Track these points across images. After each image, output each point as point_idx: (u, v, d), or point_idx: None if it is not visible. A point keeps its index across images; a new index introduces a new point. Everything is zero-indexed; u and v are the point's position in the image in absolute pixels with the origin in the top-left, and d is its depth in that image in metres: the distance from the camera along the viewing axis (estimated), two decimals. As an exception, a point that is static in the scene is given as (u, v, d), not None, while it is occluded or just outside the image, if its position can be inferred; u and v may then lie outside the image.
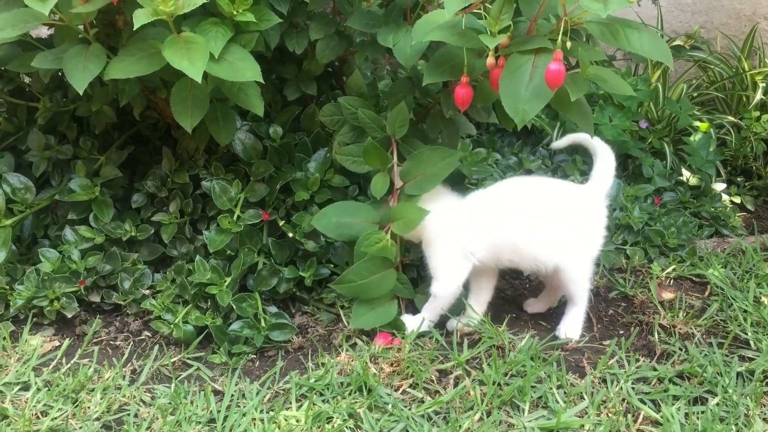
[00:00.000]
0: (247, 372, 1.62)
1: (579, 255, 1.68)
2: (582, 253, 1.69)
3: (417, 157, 1.69)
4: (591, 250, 1.70)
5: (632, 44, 1.35)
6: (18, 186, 1.86)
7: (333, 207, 1.73)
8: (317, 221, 1.70)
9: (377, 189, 1.71)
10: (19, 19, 1.46)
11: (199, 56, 1.41)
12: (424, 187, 1.68)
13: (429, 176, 1.67)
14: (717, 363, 1.60)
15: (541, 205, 1.67)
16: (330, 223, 1.69)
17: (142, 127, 2.02)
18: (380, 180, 1.71)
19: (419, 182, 1.68)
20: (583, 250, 1.69)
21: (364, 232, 1.66)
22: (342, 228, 1.70)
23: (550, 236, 1.65)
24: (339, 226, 1.70)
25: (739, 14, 3.17)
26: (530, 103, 1.34)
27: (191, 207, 1.88)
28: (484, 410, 1.46)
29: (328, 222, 1.69)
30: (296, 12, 1.82)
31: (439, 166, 1.67)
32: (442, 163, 1.67)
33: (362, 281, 1.65)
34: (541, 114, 2.52)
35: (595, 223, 1.70)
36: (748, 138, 2.54)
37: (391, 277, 1.68)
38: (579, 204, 1.70)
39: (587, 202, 1.70)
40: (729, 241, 2.20)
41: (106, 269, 1.79)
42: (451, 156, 1.68)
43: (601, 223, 1.71)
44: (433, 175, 1.67)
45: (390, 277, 1.68)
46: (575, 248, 1.67)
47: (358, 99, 1.79)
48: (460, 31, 1.41)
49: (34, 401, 1.50)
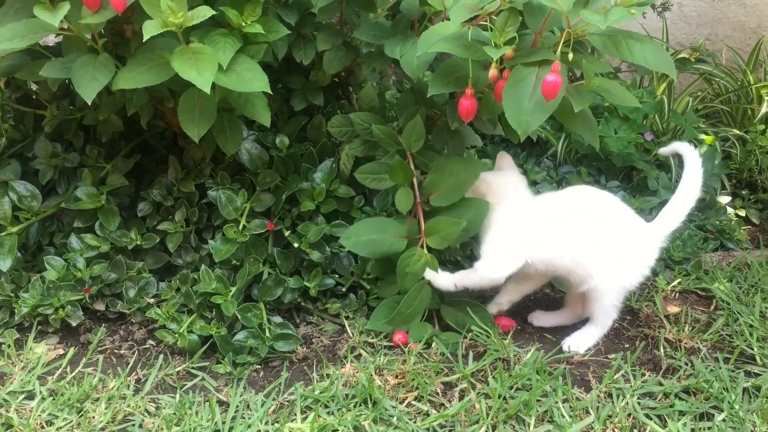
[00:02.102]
0: (251, 382, 1.62)
1: (620, 281, 1.69)
2: (624, 281, 1.70)
3: (441, 170, 1.70)
4: (632, 280, 1.71)
5: (635, 55, 1.35)
6: (24, 194, 1.87)
7: (360, 225, 1.73)
8: (346, 241, 1.70)
9: (402, 204, 1.71)
10: (29, 30, 1.46)
11: (208, 67, 1.42)
12: (449, 198, 1.69)
13: (454, 187, 1.68)
14: (723, 378, 1.59)
15: (609, 220, 1.67)
16: (360, 242, 1.69)
17: (148, 136, 2.02)
18: (404, 194, 1.72)
19: (445, 194, 1.69)
20: (626, 278, 1.70)
21: (399, 248, 1.68)
22: (373, 245, 1.70)
23: (610, 254, 1.66)
24: (369, 244, 1.70)
25: (744, 27, 3.17)
26: (533, 115, 1.34)
27: (197, 216, 1.88)
28: (489, 424, 1.46)
29: (358, 240, 1.69)
30: (304, 23, 1.82)
31: (463, 176, 1.68)
32: (466, 173, 1.68)
33: (410, 310, 1.69)
34: (546, 125, 2.52)
35: (646, 257, 1.71)
36: (754, 151, 2.54)
37: (427, 293, 1.70)
38: (641, 235, 1.71)
39: (649, 236, 1.71)
40: (734, 254, 2.20)
41: (111, 277, 1.79)
42: (475, 165, 1.69)
43: (650, 260, 1.72)
44: (457, 186, 1.68)
45: (426, 293, 1.70)
46: (621, 273, 1.68)
47: (370, 114, 1.79)
48: (466, 43, 1.41)
49: (38, 410, 1.50)
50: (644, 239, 1.71)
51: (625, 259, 1.68)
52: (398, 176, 1.71)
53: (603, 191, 1.72)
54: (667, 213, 1.73)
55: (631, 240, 1.69)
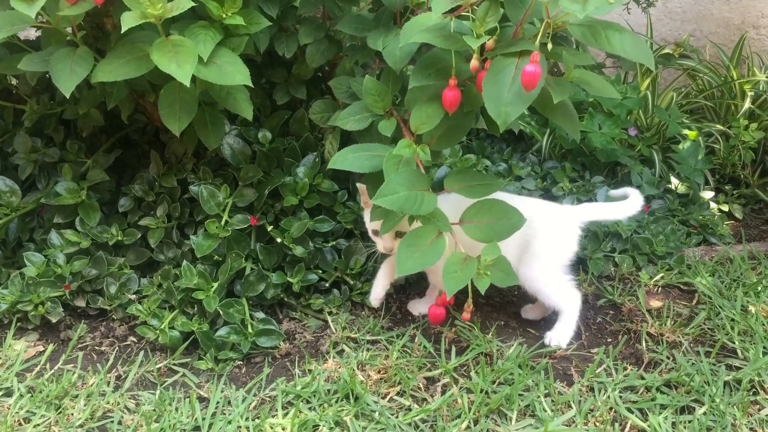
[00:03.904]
0: (233, 378, 1.61)
1: (543, 266, 1.71)
2: (547, 264, 1.72)
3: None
4: (557, 261, 1.73)
5: (613, 45, 1.34)
6: (3, 189, 1.85)
7: (347, 148, 1.59)
8: (335, 163, 1.56)
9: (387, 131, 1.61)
10: (6, 22, 1.45)
11: (188, 59, 1.40)
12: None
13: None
14: (704, 372, 1.60)
15: None
16: (347, 159, 1.56)
17: (129, 130, 2.01)
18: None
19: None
20: (550, 261, 1.72)
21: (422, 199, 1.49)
22: (361, 160, 1.56)
23: (522, 246, 1.69)
24: (358, 159, 1.56)
25: (728, 23, 3.19)
26: (513, 106, 1.33)
27: (179, 211, 1.87)
28: (471, 419, 1.46)
29: (345, 159, 1.56)
30: (286, 16, 1.81)
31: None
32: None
33: (404, 192, 1.48)
34: (530, 121, 2.52)
35: (568, 236, 1.74)
36: (737, 146, 2.55)
37: (431, 199, 1.51)
38: (560, 216, 1.75)
39: (568, 217, 1.76)
40: (717, 249, 2.21)
41: (91, 274, 1.77)
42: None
43: (572, 237, 1.75)
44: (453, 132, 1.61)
45: (430, 198, 1.51)
46: (542, 258, 1.71)
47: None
48: (447, 34, 1.40)
49: (16, 407, 1.48)
50: (563, 220, 1.75)
51: (545, 243, 1.70)
52: (378, 106, 1.62)
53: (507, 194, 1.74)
54: (591, 207, 1.81)
55: (548, 224, 1.71)
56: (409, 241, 1.50)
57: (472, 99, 1.50)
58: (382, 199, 1.45)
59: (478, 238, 1.56)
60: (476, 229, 1.56)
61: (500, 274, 1.51)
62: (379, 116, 1.63)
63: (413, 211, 1.48)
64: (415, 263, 1.49)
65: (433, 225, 1.51)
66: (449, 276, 1.46)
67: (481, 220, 1.57)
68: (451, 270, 1.47)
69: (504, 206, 1.56)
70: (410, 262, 1.49)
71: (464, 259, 1.49)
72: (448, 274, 1.46)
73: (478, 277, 1.47)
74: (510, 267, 1.53)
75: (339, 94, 1.77)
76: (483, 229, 1.56)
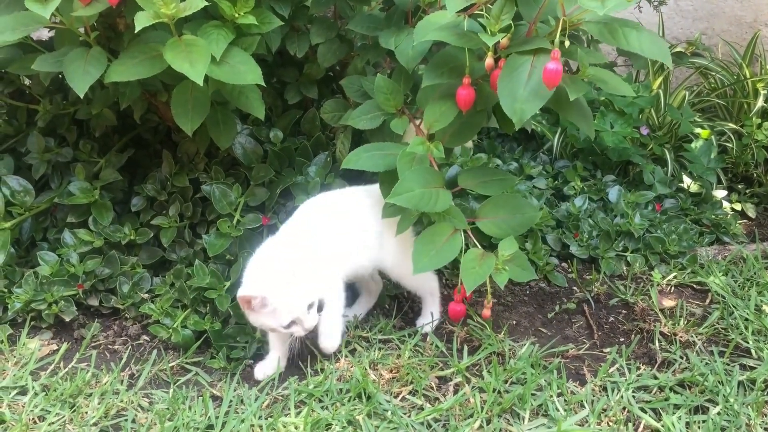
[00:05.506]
0: (245, 377, 1.61)
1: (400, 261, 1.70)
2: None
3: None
4: None
5: (631, 43, 1.34)
6: (17, 189, 1.86)
7: (360, 148, 1.62)
8: (349, 163, 1.59)
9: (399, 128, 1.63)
10: (20, 23, 1.46)
11: (201, 59, 1.41)
12: None
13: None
14: (718, 372, 1.59)
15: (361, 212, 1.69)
16: (361, 158, 1.59)
17: (142, 130, 2.01)
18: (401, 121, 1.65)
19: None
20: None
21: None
22: (374, 159, 1.59)
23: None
24: (371, 158, 1.59)
25: (741, 21, 3.17)
26: (528, 103, 1.33)
27: (191, 211, 1.87)
28: (483, 418, 1.45)
29: (359, 158, 1.59)
30: (297, 15, 1.81)
31: None
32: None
33: (419, 190, 1.49)
34: (542, 120, 2.51)
35: None
36: (749, 145, 2.53)
37: (446, 197, 1.53)
38: None
39: None
40: (730, 248, 2.19)
41: (104, 273, 1.78)
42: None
43: None
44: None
45: (445, 195, 1.53)
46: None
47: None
48: (461, 32, 1.41)
49: (31, 406, 1.49)
50: None
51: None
52: (389, 104, 1.64)
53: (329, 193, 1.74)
54: None
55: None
56: (425, 239, 1.51)
57: (485, 97, 1.50)
58: (398, 197, 1.45)
59: (494, 233, 1.57)
60: (492, 225, 1.57)
61: (518, 270, 1.52)
62: (390, 115, 1.64)
63: (428, 208, 1.49)
64: (431, 261, 1.50)
65: (448, 222, 1.52)
66: (468, 272, 1.47)
67: (496, 215, 1.57)
68: (469, 266, 1.48)
69: (519, 201, 1.57)
70: (426, 260, 1.50)
71: (481, 255, 1.50)
72: (467, 270, 1.47)
73: (496, 272, 1.49)
74: (527, 262, 1.53)
75: (350, 94, 1.77)
76: (499, 225, 1.56)
